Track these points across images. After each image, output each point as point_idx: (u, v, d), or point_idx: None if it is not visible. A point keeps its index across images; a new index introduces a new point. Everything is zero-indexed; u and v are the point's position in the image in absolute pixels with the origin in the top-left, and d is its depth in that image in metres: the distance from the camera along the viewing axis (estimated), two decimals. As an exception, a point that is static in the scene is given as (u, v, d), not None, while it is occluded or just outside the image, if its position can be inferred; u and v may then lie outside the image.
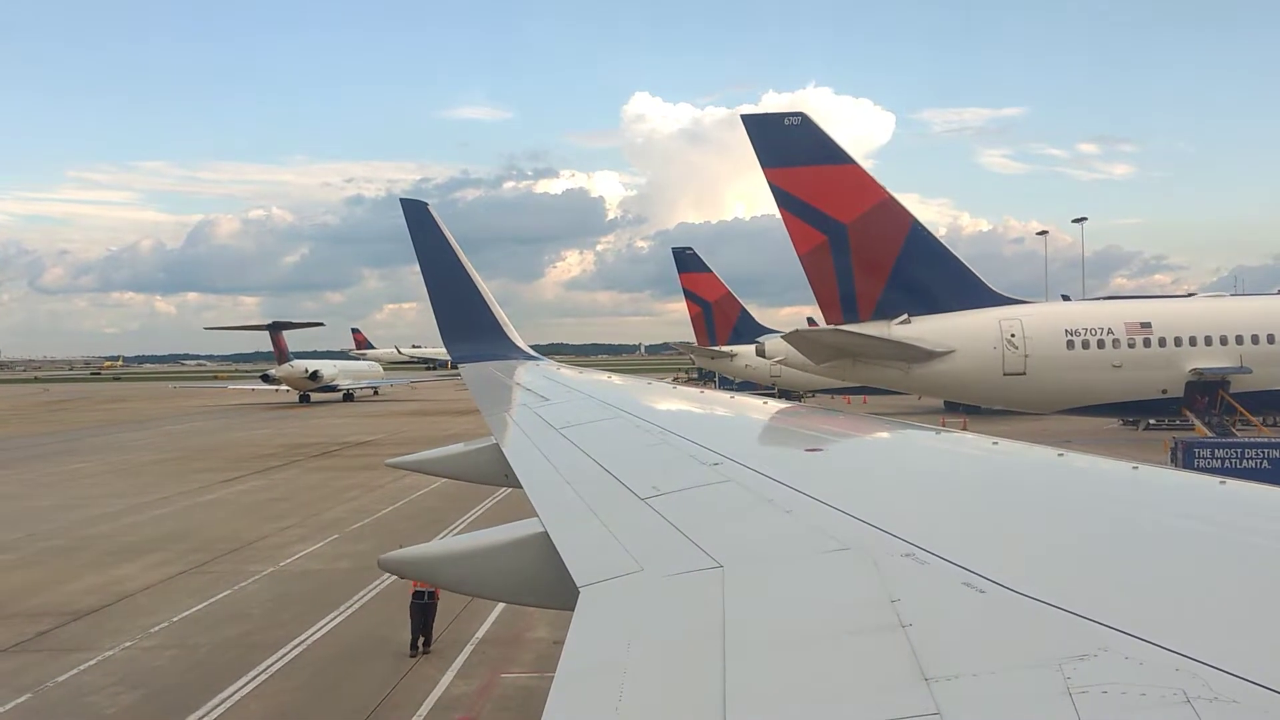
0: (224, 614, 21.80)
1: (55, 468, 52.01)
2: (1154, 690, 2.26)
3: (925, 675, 2.52)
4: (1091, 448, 6.07)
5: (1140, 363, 37.05)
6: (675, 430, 7.83)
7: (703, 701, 2.63)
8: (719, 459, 6.07)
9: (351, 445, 60.91)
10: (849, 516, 4.23)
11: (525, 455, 8.14)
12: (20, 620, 21.70)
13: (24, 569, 26.99)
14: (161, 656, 19.04)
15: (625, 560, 4.20)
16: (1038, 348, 37.22)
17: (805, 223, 39.56)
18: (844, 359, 38.94)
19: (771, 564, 3.96)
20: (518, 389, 14.98)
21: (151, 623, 21.16)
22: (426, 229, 21.67)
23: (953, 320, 38.23)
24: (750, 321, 78.15)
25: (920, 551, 3.55)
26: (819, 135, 39.48)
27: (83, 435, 73.91)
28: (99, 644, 19.78)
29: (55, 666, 18.40)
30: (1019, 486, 5.23)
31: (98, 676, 17.89)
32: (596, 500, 5.62)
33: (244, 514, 35.61)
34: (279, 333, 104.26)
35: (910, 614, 2.96)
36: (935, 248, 39.50)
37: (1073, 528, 4.14)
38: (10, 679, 17.81)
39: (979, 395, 40.52)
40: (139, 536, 31.34)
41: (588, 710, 2.79)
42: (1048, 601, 2.89)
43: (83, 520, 34.69)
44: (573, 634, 3.39)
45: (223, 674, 17.74)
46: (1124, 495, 4.70)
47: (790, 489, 4.96)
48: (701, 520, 4.71)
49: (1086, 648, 2.52)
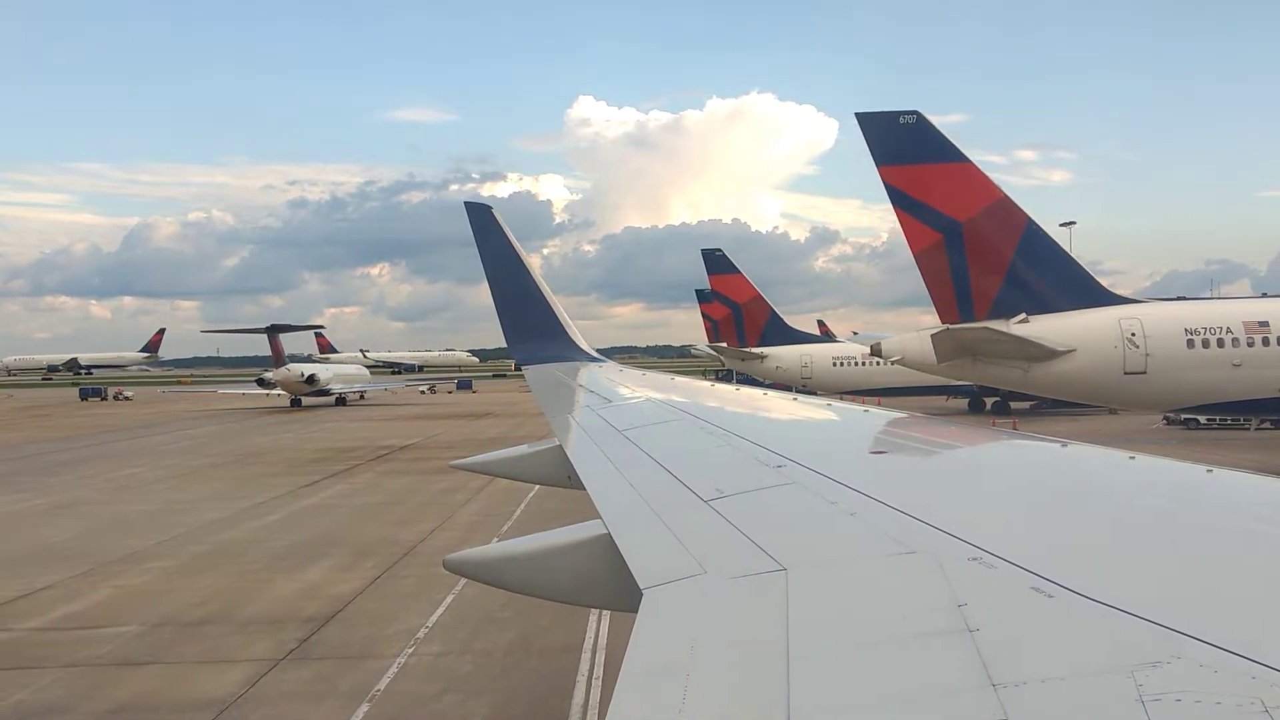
0: (476, 618, 20.83)
1: (109, 473, 50.02)
2: (1230, 699, 2.20)
3: (993, 681, 2.48)
4: (1163, 449, 5.84)
5: (1260, 361, 37.45)
6: (738, 432, 7.83)
7: (766, 705, 2.61)
8: (783, 461, 6.06)
9: (395, 450, 59.60)
10: (914, 520, 4.19)
11: (588, 457, 8.14)
12: (259, 627, 20.65)
13: (194, 575, 25.73)
14: (462, 662, 18.17)
15: (688, 562, 4.17)
16: (1159, 347, 37.43)
17: (920, 221, 39.46)
18: (965, 357, 38.88)
19: (836, 567, 3.93)
20: (580, 390, 14.93)
21: (406, 629, 20.22)
22: (490, 231, 21.57)
23: (1072, 319, 38.32)
24: (780, 324, 78.18)
25: (987, 555, 3.51)
26: (933, 133, 39.38)
27: (100, 440, 71.29)
28: (380, 650, 18.86)
29: (360, 675, 17.47)
30: (1088, 490, 5.13)
31: (419, 684, 17.00)
32: (659, 502, 5.59)
33: (368, 517, 34.52)
34: (276, 335, 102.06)
35: (977, 618, 2.92)
36: (1051, 247, 39.61)
37: (1144, 532, 4.05)
38: (326, 686, 16.89)
39: (1099, 394, 40.67)
40: (286, 542, 30.12)
41: (652, 712, 2.77)
42: (1119, 607, 2.83)
43: (204, 525, 33.32)
44: (636, 636, 3.36)
45: (553, 681, 16.98)
46: (1196, 498, 4.60)
47: (855, 491, 4.94)
48: (765, 523, 4.71)
49: (1160, 654, 2.47)
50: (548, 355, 20.93)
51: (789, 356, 75.77)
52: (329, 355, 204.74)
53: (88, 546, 29.72)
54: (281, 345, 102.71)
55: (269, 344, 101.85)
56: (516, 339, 21.60)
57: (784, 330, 78.27)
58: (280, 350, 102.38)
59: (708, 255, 78.82)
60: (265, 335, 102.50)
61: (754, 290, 78.23)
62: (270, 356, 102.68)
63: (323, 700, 16.34)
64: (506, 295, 21.57)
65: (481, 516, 33.85)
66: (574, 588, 5.32)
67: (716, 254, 78.84)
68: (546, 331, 21.50)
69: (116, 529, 33.04)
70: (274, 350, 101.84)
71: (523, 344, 21.53)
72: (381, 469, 49.67)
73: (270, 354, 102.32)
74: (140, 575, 25.74)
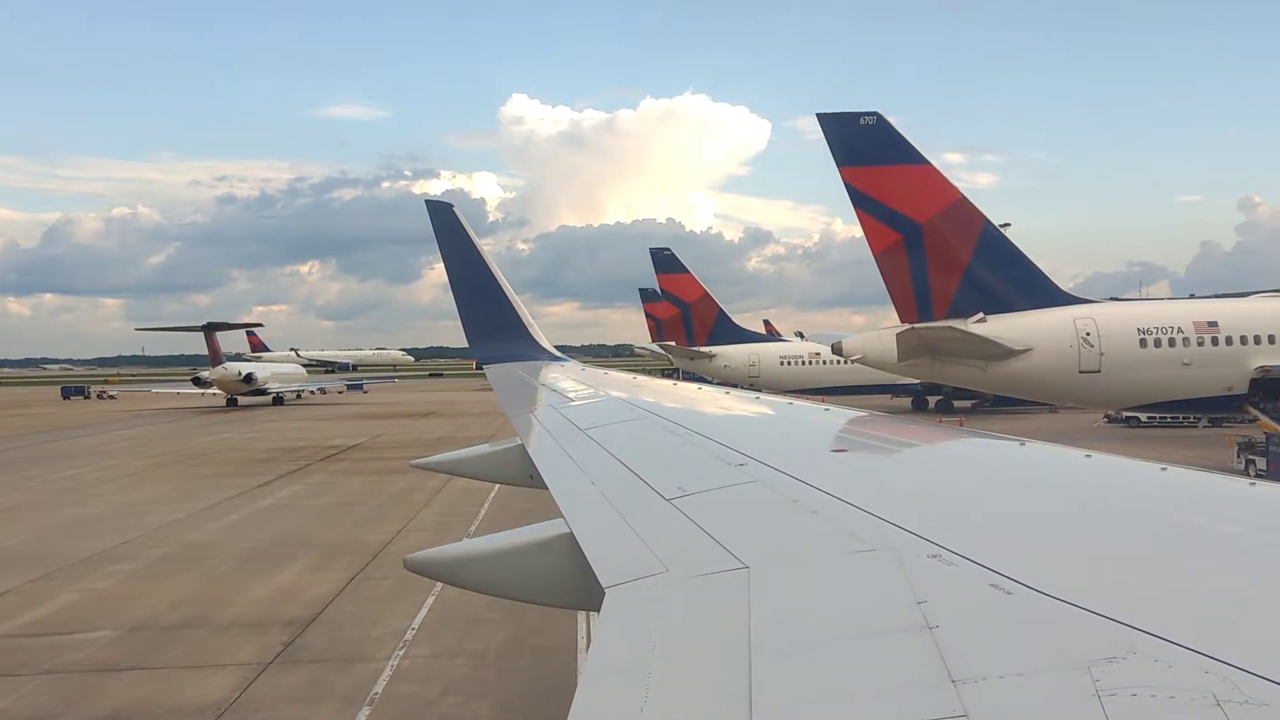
0: (461, 619, 20.49)
1: (47, 475, 48.48)
2: (1183, 693, 2.26)
3: (952, 677, 2.52)
4: (1110, 447, 6.22)
5: (1208, 360, 38.58)
6: (701, 431, 7.86)
7: (728, 703, 2.64)
8: (745, 459, 6.09)
9: (343, 450, 58.67)
10: (875, 518, 4.25)
11: (550, 456, 8.13)
12: (240, 631, 20.16)
13: (160, 579, 25.04)
14: (456, 664, 17.92)
15: (651, 561, 4.20)
16: (1112, 346, 38.38)
17: (880, 221, 39.96)
18: (925, 356, 39.45)
19: (797, 565, 3.96)
20: (542, 389, 14.95)
21: (392, 630, 19.89)
22: (451, 230, 21.47)
23: (1028, 319, 39.12)
24: (728, 323, 78.53)
25: (946, 553, 3.56)
26: (893, 135, 39.90)
27: (33, 442, 69.08)
28: (369, 653, 18.53)
29: (354, 677, 17.14)
30: (1046, 488, 5.24)
31: (417, 687, 16.73)
32: (622, 501, 5.60)
33: (329, 518, 33.91)
34: (214, 334, 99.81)
35: (937, 615, 2.97)
36: (1007, 247, 40.39)
37: (1101, 529, 4.15)
38: (322, 690, 16.54)
39: (1055, 393, 41.54)
40: (250, 543, 29.43)
41: (613, 711, 2.78)
42: (1076, 603, 2.90)
43: (162, 528, 32.45)
44: (598, 635, 3.40)
45: (552, 681, 16.80)
46: (1152, 496, 4.72)
47: (816, 490, 4.99)
48: (727, 521, 4.73)
49: (1115, 650, 2.53)
50: (510, 354, 20.72)
51: (737, 356, 76.19)
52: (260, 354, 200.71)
53: (42, 550, 28.79)
54: (219, 344, 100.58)
55: (206, 342, 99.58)
56: (478, 337, 21.34)
57: (732, 329, 78.69)
58: (217, 349, 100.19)
59: (656, 254, 78.90)
60: (202, 334, 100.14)
61: (702, 289, 78.53)
62: (204, 355, 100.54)
63: (320, 704, 16.01)
64: (468, 294, 21.36)
65: (447, 516, 33.47)
66: (536, 587, 5.31)
67: (665, 253, 78.98)
68: (508, 330, 21.33)
69: (69, 532, 32.03)
70: (211, 349, 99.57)
71: (484, 343, 21.25)
72: (333, 469, 48.85)
73: (205, 352, 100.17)
74: (104, 579, 24.98)
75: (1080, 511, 4.52)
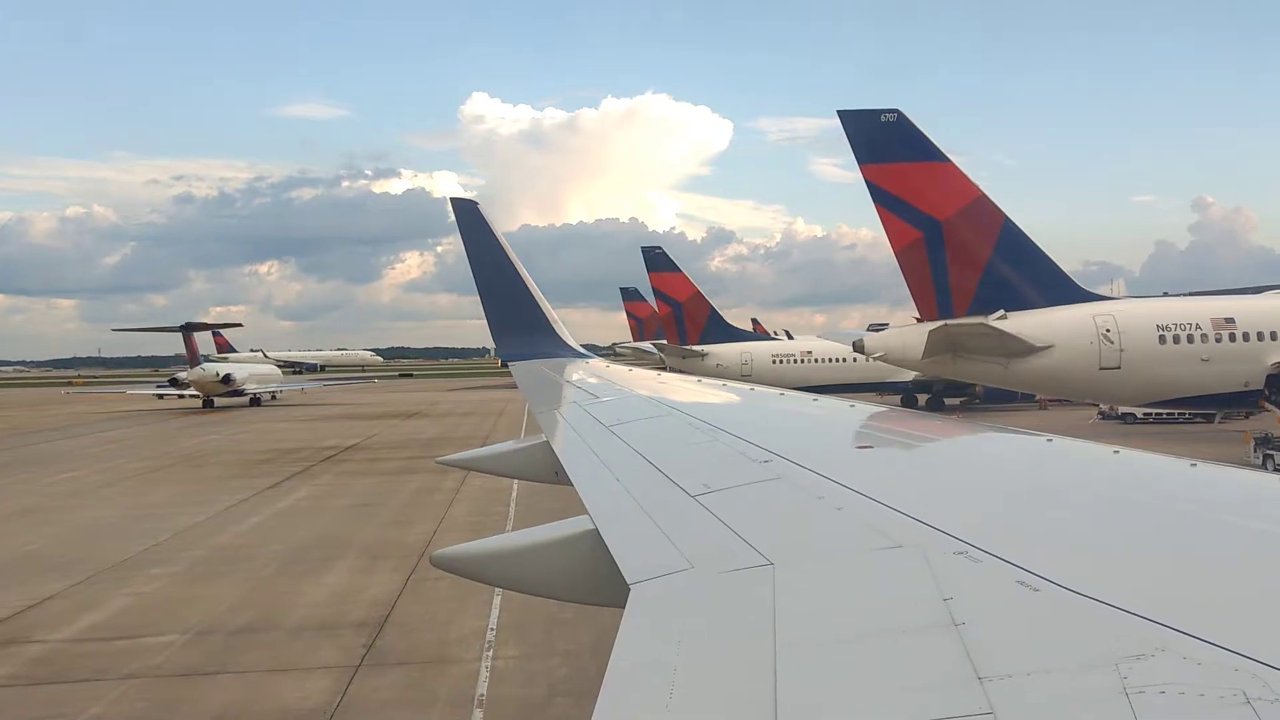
0: (539, 619, 20.03)
1: (46, 477, 47.30)
2: (1213, 690, 2.25)
3: (978, 674, 2.52)
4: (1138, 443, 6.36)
5: (1227, 356, 38.91)
6: (725, 427, 7.88)
7: (754, 700, 2.64)
8: (769, 456, 6.13)
9: (341, 450, 57.80)
10: (900, 514, 4.26)
11: (575, 453, 8.21)
12: (313, 634, 19.67)
13: (207, 582, 24.39)
14: (552, 665, 17.54)
15: (676, 558, 4.21)
16: (1132, 342, 38.58)
17: (901, 219, 39.91)
18: (946, 354, 39.43)
19: (822, 561, 3.98)
20: (567, 387, 15.02)
21: (470, 631, 19.50)
22: (476, 227, 21.32)
23: (1049, 315, 39.22)
24: (720, 321, 78.46)
25: (973, 549, 3.57)
26: (913, 132, 39.88)
27: (13, 445, 67.48)
28: (457, 655, 18.16)
29: (451, 680, 16.79)
30: (1073, 484, 5.23)
31: (521, 689, 16.41)
32: (647, 498, 5.64)
33: (355, 519, 33.32)
34: (191, 334, 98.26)
35: (963, 613, 2.97)
36: (1026, 244, 40.45)
37: (1129, 526, 4.14)
38: (422, 692, 16.12)
39: (1075, 389, 41.70)
40: (284, 546, 28.80)
41: (638, 708, 2.78)
42: (1104, 600, 2.89)
43: (186, 530, 31.70)
44: (623, 632, 3.37)
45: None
46: (1181, 493, 4.70)
47: (841, 486, 5.02)
48: (752, 518, 4.75)
49: (1144, 647, 2.51)
50: (534, 352, 20.56)
51: (729, 354, 76.10)
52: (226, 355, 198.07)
53: (71, 554, 27.96)
54: (196, 344, 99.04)
55: (184, 343, 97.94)
56: (503, 335, 21.26)
57: (724, 328, 78.62)
58: (196, 349, 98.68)
59: (648, 253, 78.70)
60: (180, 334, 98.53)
61: (694, 288, 78.40)
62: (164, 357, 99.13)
63: (429, 707, 15.63)
64: (493, 292, 21.17)
65: (477, 516, 33.00)
66: (562, 584, 5.32)
67: (657, 252, 78.79)
68: (533, 328, 21.17)
69: (92, 536, 31.21)
70: (189, 350, 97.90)
71: (509, 340, 21.15)
72: (338, 470, 48.09)
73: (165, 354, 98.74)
74: (148, 583, 24.30)
75: (1108, 508, 4.49)
